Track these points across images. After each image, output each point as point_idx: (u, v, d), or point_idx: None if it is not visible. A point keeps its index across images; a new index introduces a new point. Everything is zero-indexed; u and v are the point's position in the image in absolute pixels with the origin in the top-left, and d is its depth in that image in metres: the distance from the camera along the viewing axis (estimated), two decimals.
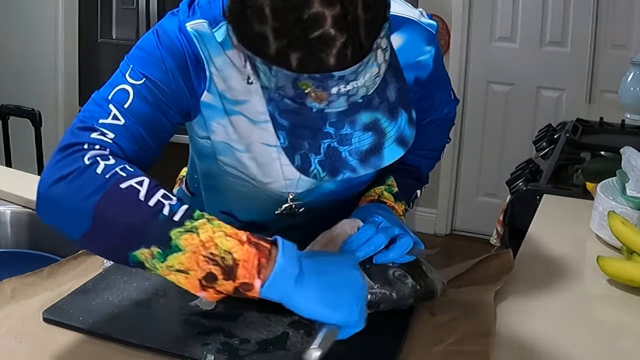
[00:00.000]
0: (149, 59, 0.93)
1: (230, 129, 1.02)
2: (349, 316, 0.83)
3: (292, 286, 0.80)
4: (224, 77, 0.97)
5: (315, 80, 0.77)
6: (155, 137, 0.93)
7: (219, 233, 0.80)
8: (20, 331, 0.95)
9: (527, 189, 1.72)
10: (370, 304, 0.99)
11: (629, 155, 1.41)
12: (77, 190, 0.82)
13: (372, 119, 0.82)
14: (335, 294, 0.83)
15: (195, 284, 0.81)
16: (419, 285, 1.00)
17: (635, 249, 1.20)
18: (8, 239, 1.50)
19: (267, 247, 0.81)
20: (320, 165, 0.83)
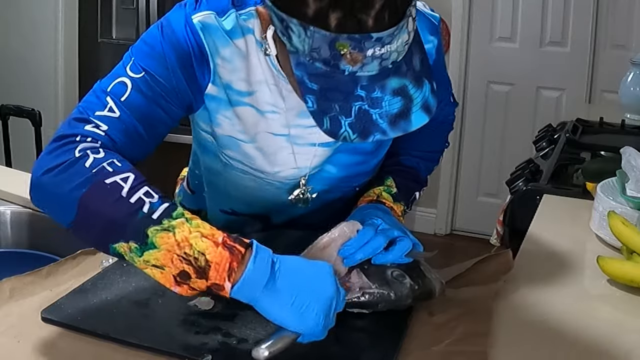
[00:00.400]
0: (150, 52, 0.96)
1: (235, 120, 1.03)
2: (313, 327, 0.85)
3: (260, 291, 0.83)
4: (231, 68, 0.99)
5: (353, 41, 0.79)
6: (151, 130, 0.96)
7: (195, 233, 0.83)
8: (18, 330, 0.95)
9: (527, 189, 1.72)
10: (368, 304, 0.99)
11: (629, 155, 1.41)
12: (64, 181, 0.86)
13: (400, 84, 0.84)
14: (303, 304, 0.84)
15: (170, 279, 0.84)
16: (417, 286, 1.00)
17: (635, 249, 1.20)
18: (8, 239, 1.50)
19: (241, 252, 0.83)
20: (351, 127, 0.84)
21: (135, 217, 0.83)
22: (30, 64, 3.81)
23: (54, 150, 0.89)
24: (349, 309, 0.99)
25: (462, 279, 1.15)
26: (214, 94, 1.01)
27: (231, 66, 0.99)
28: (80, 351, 0.91)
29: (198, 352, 0.90)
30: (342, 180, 1.16)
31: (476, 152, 3.80)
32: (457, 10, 3.60)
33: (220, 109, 1.03)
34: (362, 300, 0.99)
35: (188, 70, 0.97)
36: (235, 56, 0.99)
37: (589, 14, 3.41)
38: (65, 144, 0.89)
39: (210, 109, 1.03)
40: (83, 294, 1.03)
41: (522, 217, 1.55)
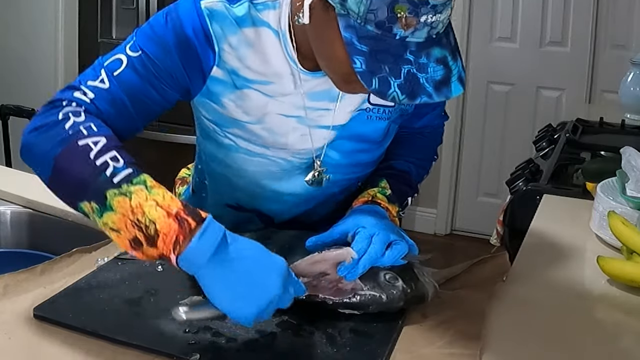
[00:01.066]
0: (151, 34, 1.02)
1: (240, 102, 1.07)
2: (243, 317, 0.87)
3: (202, 267, 0.86)
4: (237, 55, 1.03)
5: (412, 4, 0.84)
6: (140, 107, 1.02)
7: (151, 202, 0.86)
8: (10, 327, 0.95)
9: (527, 189, 1.72)
10: (359, 306, 0.99)
11: (629, 155, 1.41)
12: (45, 140, 0.94)
13: (442, 54, 0.89)
14: (240, 293, 0.87)
15: (126, 243, 0.88)
16: (409, 289, 1.00)
17: (635, 249, 1.20)
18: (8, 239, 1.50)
19: (190, 225, 0.86)
20: (400, 88, 0.87)
21: (97, 179, 0.88)
22: (30, 63, 3.81)
23: (42, 113, 0.98)
24: (340, 310, 0.99)
25: (457, 280, 1.15)
26: (219, 77, 1.04)
27: (237, 53, 1.03)
28: (70, 348, 0.91)
29: (186, 351, 0.90)
30: (346, 168, 1.17)
31: (476, 152, 3.80)
32: (457, 10, 3.59)
33: (226, 92, 1.06)
34: (353, 302, 0.99)
35: (187, 55, 1.01)
36: (243, 44, 1.02)
37: (589, 14, 3.41)
38: (53, 107, 0.98)
39: (215, 91, 1.06)
40: (76, 291, 1.04)
41: (522, 217, 1.55)
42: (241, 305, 0.86)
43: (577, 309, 1.09)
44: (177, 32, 1.00)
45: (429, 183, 3.85)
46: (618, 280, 1.15)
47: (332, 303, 0.98)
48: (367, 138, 1.15)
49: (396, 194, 1.17)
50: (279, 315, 0.99)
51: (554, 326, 1.02)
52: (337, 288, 0.99)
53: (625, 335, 1.02)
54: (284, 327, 0.97)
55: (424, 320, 1.02)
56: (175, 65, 1.01)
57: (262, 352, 0.91)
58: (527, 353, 0.96)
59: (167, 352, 0.90)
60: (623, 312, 1.10)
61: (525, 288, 1.14)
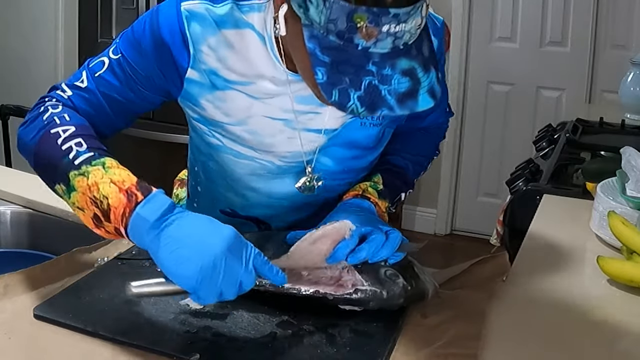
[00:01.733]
0: (132, 38, 1.05)
1: (221, 103, 1.06)
2: (190, 282, 0.86)
3: (144, 235, 0.89)
4: (218, 56, 1.02)
5: (371, 14, 0.81)
6: (118, 107, 1.07)
7: (106, 179, 0.92)
8: (10, 327, 0.95)
9: (527, 189, 1.72)
10: (360, 302, 0.99)
11: (629, 155, 1.41)
12: (29, 132, 1.03)
13: (409, 65, 0.86)
14: (183, 256, 0.87)
15: (89, 221, 0.94)
16: (410, 286, 1.00)
17: (635, 249, 1.20)
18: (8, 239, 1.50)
19: (138, 198, 0.90)
20: (360, 100, 0.85)
21: (62, 162, 0.95)
22: (30, 64, 3.81)
23: (31, 109, 1.07)
24: (341, 306, 0.99)
25: (457, 280, 1.15)
26: (194, 78, 1.04)
27: (217, 54, 1.02)
28: (70, 348, 0.91)
29: (187, 351, 0.90)
30: (338, 175, 1.16)
31: (476, 152, 3.80)
32: (457, 10, 3.60)
33: (203, 93, 1.06)
34: (354, 297, 0.99)
35: (163, 57, 1.02)
36: (222, 45, 1.02)
37: (589, 14, 3.41)
38: (38, 103, 1.07)
39: (192, 93, 1.06)
40: (76, 291, 1.04)
41: (522, 217, 1.55)
42: (183, 267, 0.86)
43: (577, 309, 1.09)
44: (155, 35, 1.02)
45: (429, 183, 3.85)
46: (618, 280, 1.15)
47: (333, 298, 0.98)
48: (360, 144, 1.14)
49: (388, 189, 1.17)
50: (278, 315, 0.99)
51: (554, 326, 1.02)
52: (337, 284, 1.00)
53: (625, 335, 1.02)
54: (284, 327, 0.97)
55: (424, 320, 1.02)
56: (151, 68, 1.04)
57: (262, 352, 0.91)
58: (527, 353, 0.96)
59: (167, 352, 0.90)
60: (623, 312, 1.10)
61: (525, 288, 1.14)
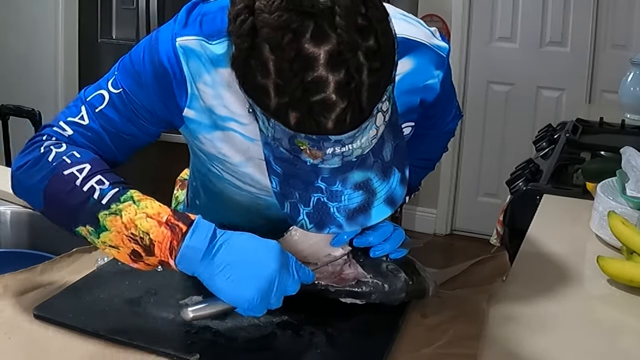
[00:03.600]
0: (131, 70, 0.98)
1: (219, 143, 1.02)
2: (247, 302, 0.88)
3: (198, 264, 0.88)
4: (213, 94, 0.97)
5: (311, 140, 0.78)
6: (120, 142, 1.01)
7: (141, 214, 0.90)
8: (10, 327, 0.95)
9: (527, 189, 1.72)
10: (361, 294, 0.99)
11: (629, 155, 1.41)
12: (32, 176, 0.97)
13: (364, 178, 0.83)
14: (238, 278, 0.87)
15: (126, 257, 0.92)
16: (411, 281, 1.01)
17: (635, 249, 1.20)
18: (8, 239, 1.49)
19: (182, 229, 0.89)
20: (308, 217, 0.85)
21: (87, 204, 0.92)
22: (30, 64, 3.81)
23: (25, 149, 1.00)
24: (342, 299, 1.00)
25: (456, 280, 1.15)
26: (192, 117, 0.99)
27: (213, 92, 0.97)
28: (70, 348, 0.91)
29: (187, 350, 0.90)
30: None
31: (476, 152, 3.80)
32: (457, 10, 3.60)
33: (202, 131, 1.01)
34: (356, 290, 0.99)
35: (165, 91, 0.96)
36: (218, 84, 0.96)
37: (589, 14, 3.41)
38: (33, 143, 1.00)
39: (191, 129, 1.01)
40: (76, 291, 1.04)
41: (522, 217, 1.55)
42: (242, 290, 0.87)
43: (577, 309, 1.09)
44: (155, 67, 0.95)
45: (429, 183, 3.85)
46: (618, 280, 1.15)
47: (335, 291, 0.99)
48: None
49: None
50: (279, 315, 0.99)
51: (553, 326, 1.02)
52: (339, 276, 1.00)
53: (625, 335, 1.02)
54: (284, 327, 0.97)
55: (424, 320, 1.02)
56: (153, 101, 0.98)
57: (262, 352, 0.91)
58: (526, 353, 0.96)
59: (167, 352, 0.90)
60: (623, 312, 1.10)
61: (525, 288, 1.14)
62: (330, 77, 0.74)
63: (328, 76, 0.74)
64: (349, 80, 0.74)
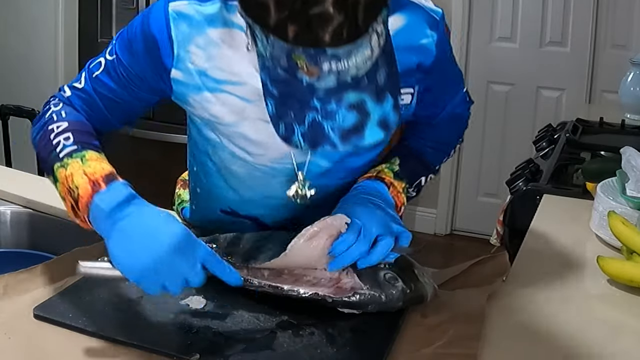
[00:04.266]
0: (125, 39, 1.05)
1: (209, 105, 1.05)
2: (132, 274, 0.90)
3: (102, 224, 0.93)
4: (205, 56, 1.01)
5: (308, 55, 0.80)
6: (113, 108, 1.09)
7: (80, 171, 0.97)
8: (10, 327, 0.95)
9: (527, 189, 1.72)
10: (358, 305, 0.99)
11: (629, 155, 1.41)
12: (34, 132, 1.09)
13: (358, 99, 0.85)
14: (130, 248, 0.90)
15: (70, 211, 0.99)
16: (409, 289, 1.00)
17: (635, 249, 1.20)
18: (8, 239, 1.49)
19: (99, 188, 0.95)
20: (303, 136, 0.86)
21: (51, 156, 1.01)
22: (30, 64, 3.81)
23: (42, 109, 1.12)
24: (340, 309, 0.99)
25: (456, 281, 1.15)
26: (179, 78, 1.04)
27: (205, 54, 1.01)
28: (70, 348, 0.91)
29: (187, 351, 0.90)
30: (334, 174, 1.14)
31: (476, 152, 3.80)
32: (457, 10, 3.60)
33: (190, 93, 1.05)
34: (353, 301, 0.99)
35: (153, 57, 1.02)
36: (210, 45, 1.01)
37: (589, 14, 3.41)
38: (47, 103, 1.12)
39: (179, 92, 1.06)
40: (76, 291, 1.04)
41: (522, 217, 1.55)
42: (128, 259, 0.90)
43: (577, 309, 1.09)
44: (145, 34, 1.02)
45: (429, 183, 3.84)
46: (618, 280, 1.16)
47: (332, 301, 0.98)
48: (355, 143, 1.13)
49: (406, 171, 1.16)
50: (279, 315, 0.99)
51: (553, 326, 1.03)
52: (336, 286, 1.00)
53: (625, 335, 1.02)
54: (284, 327, 0.97)
55: (424, 320, 1.02)
56: (143, 69, 1.04)
57: (262, 352, 0.91)
58: (527, 353, 0.96)
59: (167, 352, 0.90)
60: (623, 312, 1.10)
61: (525, 288, 1.14)
62: None
63: None
64: None
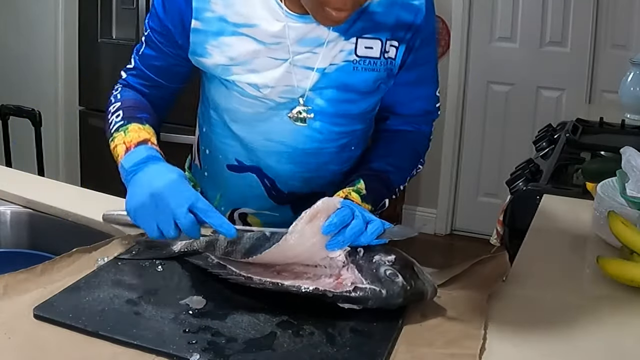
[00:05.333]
0: (153, 11, 1.22)
1: (227, 48, 1.18)
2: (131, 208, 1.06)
3: (125, 179, 1.11)
4: (226, 3, 1.16)
5: None
6: (165, 74, 1.27)
7: (121, 141, 1.15)
8: (9, 327, 0.95)
9: (527, 189, 1.72)
10: (358, 300, 0.99)
11: (629, 155, 1.41)
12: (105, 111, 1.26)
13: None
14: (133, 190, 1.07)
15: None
16: (409, 286, 1.00)
17: (635, 249, 1.20)
18: (8, 239, 1.49)
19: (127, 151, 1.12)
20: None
21: (108, 132, 1.20)
22: (30, 64, 3.81)
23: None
24: (340, 304, 1.00)
25: (457, 281, 1.15)
26: (198, 27, 1.18)
27: (224, 2, 1.15)
28: (70, 348, 0.91)
29: (186, 351, 0.90)
30: (333, 118, 1.22)
31: (476, 152, 3.81)
32: (457, 10, 3.61)
33: (209, 40, 1.18)
34: (353, 295, 0.99)
35: (174, 13, 1.18)
36: None
37: (589, 14, 3.41)
38: (114, 85, 1.30)
39: (197, 42, 1.19)
40: (76, 291, 1.04)
41: (522, 217, 1.55)
42: (128, 202, 1.07)
43: (577, 309, 1.09)
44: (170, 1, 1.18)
45: (429, 183, 3.85)
46: (618, 280, 1.16)
47: (332, 296, 0.99)
48: (353, 88, 1.20)
49: (371, 193, 1.19)
50: (279, 315, 0.99)
51: (554, 326, 1.03)
52: (337, 281, 1.00)
53: (626, 335, 1.02)
54: (284, 327, 0.97)
55: (424, 320, 1.02)
56: (170, 31, 1.19)
57: (262, 352, 0.91)
58: (527, 353, 0.96)
59: (167, 352, 0.90)
60: (623, 312, 1.10)
61: (525, 288, 1.14)
62: None
63: None
64: None
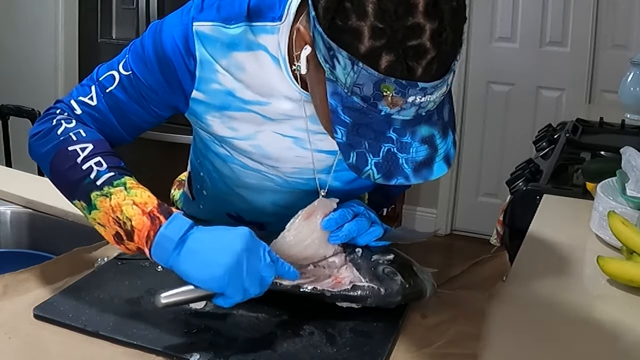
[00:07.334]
0: (141, 55, 1.04)
1: (227, 120, 1.06)
2: (217, 281, 0.90)
3: (170, 253, 0.92)
4: (234, 77, 1.02)
5: (399, 85, 0.79)
6: (126, 123, 1.08)
7: (128, 201, 0.96)
8: (10, 327, 0.95)
9: (527, 189, 1.72)
10: (357, 298, 1.00)
11: (629, 155, 1.41)
12: (42, 145, 1.04)
13: (429, 132, 0.85)
14: (208, 260, 0.91)
15: (110, 237, 0.98)
16: (408, 284, 1.00)
17: (635, 249, 1.20)
18: (8, 239, 1.50)
19: (161, 222, 0.93)
20: (376, 167, 0.84)
21: (83, 182, 0.98)
22: (30, 64, 3.81)
23: (41, 119, 1.09)
24: (339, 303, 1.00)
25: (456, 280, 1.15)
26: (200, 98, 1.04)
27: (232, 75, 1.02)
28: (70, 348, 0.91)
29: (186, 351, 0.90)
30: (348, 194, 1.16)
31: (476, 152, 3.81)
32: None
33: (210, 111, 1.06)
34: (352, 294, 0.99)
35: (169, 74, 1.02)
36: (233, 68, 1.01)
37: (589, 14, 3.41)
38: (48, 114, 1.09)
39: (197, 111, 1.06)
40: (76, 291, 1.04)
41: (522, 217, 1.55)
42: (209, 270, 0.90)
43: (577, 308, 1.09)
44: (159, 56, 1.02)
45: (429, 183, 3.85)
46: (618, 280, 1.16)
47: (331, 295, 0.99)
48: None
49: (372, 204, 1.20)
50: (279, 315, 0.99)
51: (553, 326, 1.03)
52: (335, 280, 1.00)
53: (625, 335, 1.02)
54: (284, 327, 0.97)
55: (424, 320, 1.02)
56: (159, 84, 1.03)
57: (262, 352, 0.91)
58: (527, 353, 0.96)
59: (167, 352, 0.90)
60: (623, 312, 1.10)
61: (525, 288, 1.14)
62: (427, 25, 0.77)
63: (425, 23, 0.77)
64: (441, 31, 0.78)
